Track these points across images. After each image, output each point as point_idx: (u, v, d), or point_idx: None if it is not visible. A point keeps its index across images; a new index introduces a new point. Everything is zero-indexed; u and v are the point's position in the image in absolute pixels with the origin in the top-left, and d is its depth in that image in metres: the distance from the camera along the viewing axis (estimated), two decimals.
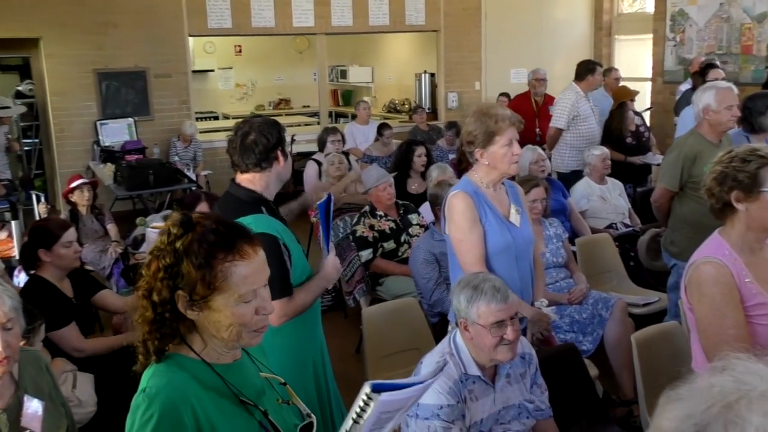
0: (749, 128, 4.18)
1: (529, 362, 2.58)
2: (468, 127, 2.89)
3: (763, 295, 2.23)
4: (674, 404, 0.77)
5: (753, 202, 2.22)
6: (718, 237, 2.32)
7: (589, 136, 6.25)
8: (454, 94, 10.32)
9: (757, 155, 2.22)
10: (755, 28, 8.53)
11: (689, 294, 2.32)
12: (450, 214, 2.91)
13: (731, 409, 0.73)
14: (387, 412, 1.41)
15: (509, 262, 2.90)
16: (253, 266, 1.52)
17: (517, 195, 3.06)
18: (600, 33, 10.89)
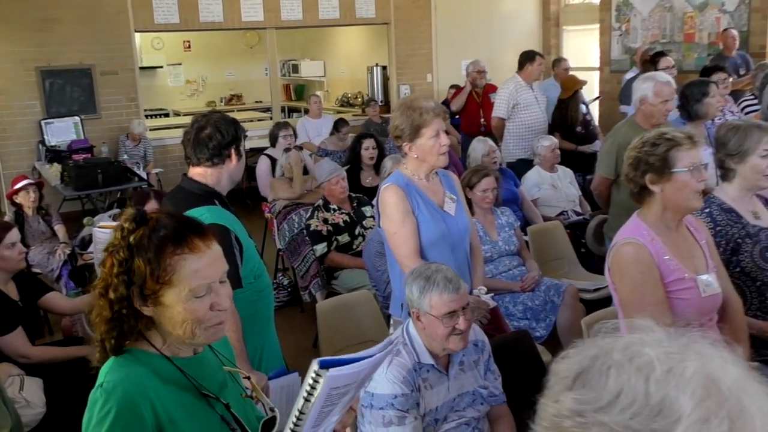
0: (686, 115, 4.28)
1: (482, 349, 2.61)
2: (394, 121, 2.89)
3: (681, 270, 2.32)
4: (566, 357, 0.82)
5: (666, 183, 2.30)
6: (637, 219, 2.41)
7: (532, 125, 6.35)
8: (407, 86, 10.34)
9: (665, 138, 2.31)
10: (697, 16, 8.74)
11: (612, 275, 2.40)
12: (383, 207, 2.92)
13: (609, 354, 0.78)
14: (337, 388, 1.41)
15: (445, 252, 2.91)
16: (205, 260, 1.50)
17: (451, 183, 3.07)
18: (548, 24, 11.03)
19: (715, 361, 0.76)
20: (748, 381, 0.75)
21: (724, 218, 2.66)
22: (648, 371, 0.74)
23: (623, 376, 0.74)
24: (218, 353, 1.68)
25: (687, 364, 0.74)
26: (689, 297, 2.34)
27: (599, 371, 0.76)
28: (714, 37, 8.57)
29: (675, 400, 0.71)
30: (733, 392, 0.72)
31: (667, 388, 0.72)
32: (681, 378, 0.73)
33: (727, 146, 2.67)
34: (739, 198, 2.71)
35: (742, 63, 7.45)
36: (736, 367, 0.76)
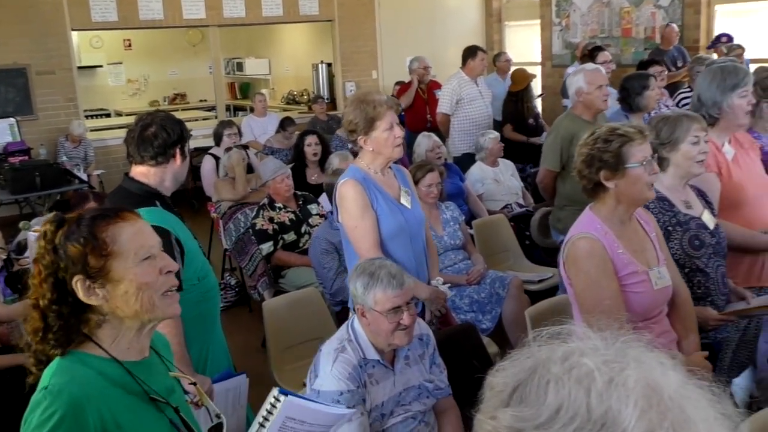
0: (627, 108, 4.39)
1: (427, 343, 2.64)
2: (348, 116, 2.91)
3: (634, 263, 2.37)
4: (508, 362, 0.81)
5: (621, 178, 2.34)
6: (590, 213, 2.44)
7: (477, 120, 6.43)
8: (352, 83, 10.33)
9: (618, 134, 2.35)
10: (633, 12, 8.96)
11: (567, 269, 2.43)
12: (341, 202, 2.93)
13: (546, 365, 0.76)
14: (292, 419, 1.41)
15: (404, 244, 2.96)
16: (138, 227, 1.52)
17: (404, 178, 3.12)
18: (491, 19, 11.16)
19: (655, 368, 0.74)
20: (689, 387, 0.74)
21: (656, 206, 2.73)
22: (588, 383, 0.71)
23: (563, 391, 0.71)
24: (164, 359, 1.67)
25: (628, 374, 0.72)
26: (642, 290, 2.38)
27: (537, 385, 0.73)
28: (650, 31, 8.79)
29: (618, 413, 0.69)
30: (675, 401, 0.71)
31: (609, 401, 0.70)
32: (623, 389, 0.70)
33: (659, 136, 2.75)
34: (673, 187, 2.79)
35: (679, 56, 7.66)
36: (676, 373, 0.75)
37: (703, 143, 2.73)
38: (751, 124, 3.41)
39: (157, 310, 1.53)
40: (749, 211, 3.06)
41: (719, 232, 2.80)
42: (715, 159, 3.00)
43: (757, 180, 3.13)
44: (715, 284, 2.76)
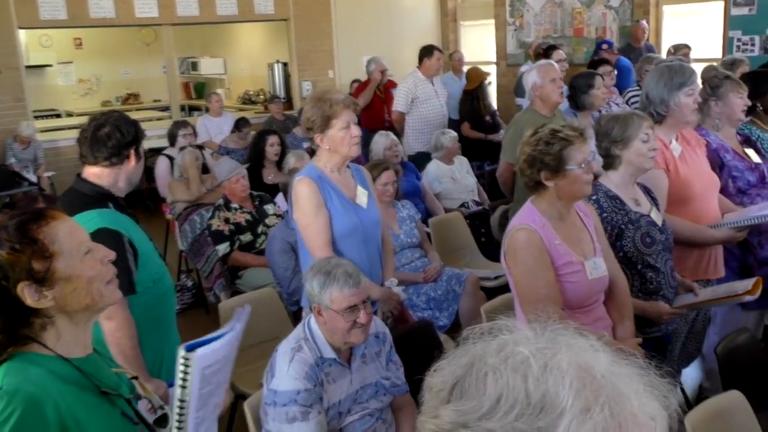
0: (575, 106, 4.49)
1: (383, 341, 2.65)
2: (306, 114, 2.94)
3: (570, 254, 2.44)
4: (445, 362, 0.81)
5: (561, 179, 2.42)
6: (530, 205, 2.52)
7: (432, 119, 6.48)
8: (308, 82, 10.30)
9: (559, 137, 2.41)
10: (585, 12, 9.12)
11: (507, 260, 2.51)
12: (296, 200, 2.94)
13: (481, 360, 0.77)
14: (209, 367, 1.41)
15: (357, 244, 2.96)
16: (70, 223, 1.53)
17: (363, 177, 3.13)
18: (446, 19, 11.23)
19: (586, 350, 0.77)
20: (618, 364, 0.77)
21: (609, 205, 2.79)
22: (525, 370, 0.73)
23: (501, 380, 0.73)
24: (104, 355, 1.67)
25: (560, 357, 0.75)
26: (578, 279, 2.46)
27: (476, 378, 0.75)
28: (601, 31, 8.96)
29: (555, 394, 0.71)
30: (607, 378, 0.74)
31: (546, 384, 0.72)
32: (557, 372, 0.73)
33: (611, 135, 2.81)
34: (623, 185, 2.85)
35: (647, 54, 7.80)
36: (605, 353, 0.78)
37: (652, 141, 2.80)
38: (699, 121, 3.51)
39: (105, 299, 1.56)
40: (696, 207, 3.14)
41: (666, 229, 2.88)
42: (663, 156, 3.07)
43: (704, 176, 3.21)
44: (665, 278, 2.84)
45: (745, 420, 2.35)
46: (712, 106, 3.46)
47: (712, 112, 3.48)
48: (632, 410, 0.73)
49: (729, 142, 3.49)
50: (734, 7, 7.49)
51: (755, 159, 3.51)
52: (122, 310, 2.33)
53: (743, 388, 2.44)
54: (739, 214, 3.23)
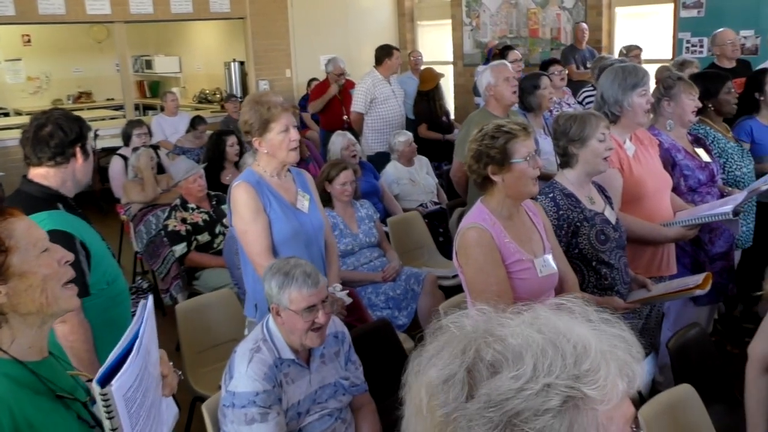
0: (523, 106, 4.55)
1: (342, 340, 2.65)
2: (243, 116, 2.89)
3: (520, 252, 2.48)
4: (431, 361, 0.81)
5: (507, 173, 2.45)
6: (480, 204, 2.55)
7: (390, 119, 6.50)
8: (266, 81, 10.22)
9: (503, 131, 2.45)
10: (540, 13, 9.23)
11: (459, 258, 2.53)
12: (233, 205, 2.90)
13: (490, 333, 0.80)
14: (130, 388, 1.37)
15: (298, 249, 2.92)
16: (27, 221, 1.51)
17: (304, 181, 3.10)
18: (403, 19, 11.26)
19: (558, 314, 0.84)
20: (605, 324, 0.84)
21: (565, 203, 2.83)
22: (545, 330, 0.79)
23: (532, 343, 0.77)
24: (60, 358, 1.64)
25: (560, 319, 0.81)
26: (528, 277, 2.49)
27: (496, 350, 0.78)
28: (555, 32, 9.09)
29: (584, 344, 0.77)
30: None
31: (572, 335, 0.78)
32: (570, 327, 0.80)
33: (569, 134, 2.85)
34: (578, 184, 2.90)
35: (590, 56, 7.92)
36: (591, 313, 0.85)
37: (608, 140, 2.85)
38: (652, 121, 3.58)
39: (60, 302, 1.53)
40: (649, 205, 3.21)
41: (620, 227, 2.93)
42: (617, 155, 3.13)
43: (656, 175, 3.29)
44: (619, 274, 2.89)
45: (696, 413, 2.41)
46: (665, 106, 3.53)
47: (665, 112, 3.55)
48: (626, 355, 0.82)
49: (680, 142, 3.57)
50: (683, 10, 7.68)
51: (705, 158, 3.60)
52: (76, 314, 2.28)
53: (694, 381, 2.51)
54: (691, 212, 3.31)
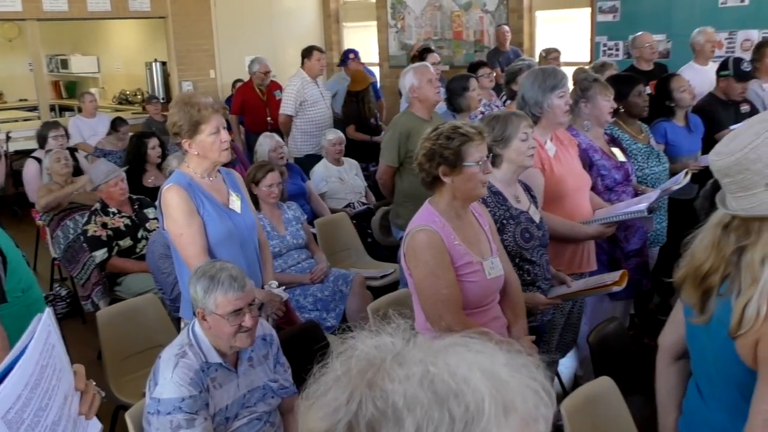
0: (452, 108, 4.62)
1: (270, 343, 2.63)
2: (172, 118, 2.84)
3: (469, 254, 2.50)
4: (317, 403, 0.76)
5: (458, 175, 2.47)
6: (429, 206, 2.55)
7: (319, 121, 6.50)
8: (189, 82, 10.02)
9: (459, 133, 2.47)
10: (463, 15, 9.39)
11: (407, 261, 2.52)
12: (166, 209, 2.85)
13: (373, 386, 0.73)
14: (12, 408, 1.25)
15: (234, 250, 2.91)
16: None
17: (235, 181, 3.08)
18: (329, 20, 11.25)
19: (478, 353, 0.76)
20: (514, 364, 0.77)
21: (492, 200, 2.89)
22: (433, 386, 0.71)
23: (414, 402, 0.70)
24: None
25: (458, 364, 0.73)
26: (477, 279, 2.51)
27: (380, 409, 0.71)
28: (479, 34, 9.26)
29: (477, 405, 0.70)
30: (510, 377, 0.74)
31: (465, 397, 0.70)
32: (468, 380, 0.72)
33: (492, 134, 2.91)
34: (505, 182, 2.96)
35: (514, 58, 8.10)
36: (498, 353, 0.77)
37: (531, 139, 2.93)
38: (571, 121, 3.70)
39: None
40: (570, 204, 3.32)
41: (543, 225, 3.01)
42: (538, 155, 3.21)
43: (576, 175, 3.39)
44: (541, 271, 2.97)
45: (615, 404, 2.50)
46: (582, 107, 3.65)
47: (582, 113, 3.67)
48: (532, 408, 0.73)
49: (597, 142, 3.70)
50: (600, 14, 7.95)
51: (620, 158, 3.74)
52: None
53: (613, 374, 2.60)
54: (608, 210, 3.43)
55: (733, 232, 1.62)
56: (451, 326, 2.39)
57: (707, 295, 1.68)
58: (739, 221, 1.61)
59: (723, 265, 1.63)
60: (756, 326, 1.55)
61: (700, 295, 1.69)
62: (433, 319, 2.45)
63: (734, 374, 1.64)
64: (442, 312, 2.42)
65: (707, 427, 1.77)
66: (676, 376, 1.96)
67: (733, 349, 1.61)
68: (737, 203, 1.60)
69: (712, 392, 1.78)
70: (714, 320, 1.67)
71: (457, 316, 2.43)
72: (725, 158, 1.60)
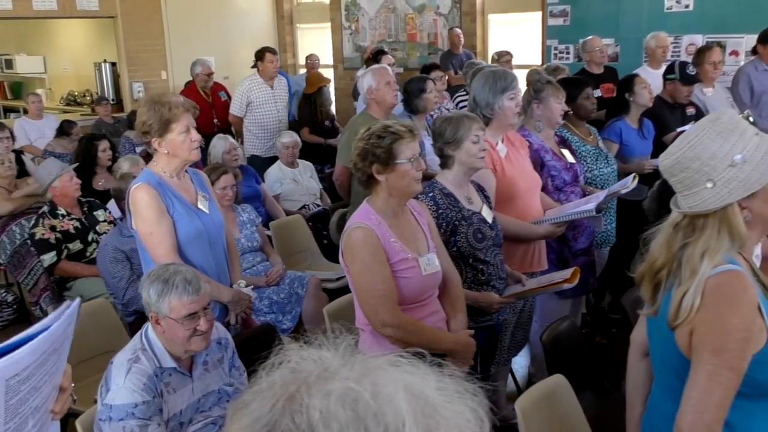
0: (409, 109, 4.66)
1: (225, 347, 2.61)
2: (141, 117, 2.84)
3: (405, 251, 2.54)
4: (241, 412, 0.74)
5: (391, 173, 2.50)
6: (366, 205, 2.60)
7: (267, 123, 6.48)
8: (140, 83, 9.86)
9: (390, 132, 2.51)
10: (417, 18, 9.45)
11: (345, 258, 2.56)
12: (135, 208, 2.83)
13: (293, 400, 0.71)
14: (16, 376, 1.24)
15: (203, 249, 2.92)
16: None
17: (202, 182, 3.08)
18: (282, 21, 11.19)
19: (407, 372, 0.75)
20: (442, 383, 0.75)
21: (444, 202, 2.92)
22: (355, 405, 0.69)
23: (332, 420, 0.68)
24: None
25: (384, 383, 0.72)
26: (413, 275, 2.54)
27: (296, 424, 0.69)
28: (433, 37, 9.33)
29: (396, 427, 0.68)
30: (437, 398, 0.72)
31: (385, 418, 0.68)
32: (391, 400, 0.70)
33: (444, 136, 2.94)
34: (457, 184, 2.99)
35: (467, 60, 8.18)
36: (427, 373, 0.75)
37: (482, 141, 2.97)
38: (523, 122, 3.75)
39: None
40: (521, 204, 3.37)
41: (496, 225, 3.05)
42: (490, 157, 3.26)
43: (527, 176, 3.45)
44: (495, 271, 3.01)
45: (568, 401, 2.55)
46: (534, 108, 3.71)
47: (534, 114, 3.73)
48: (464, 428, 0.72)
49: (548, 143, 3.76)
50: (551, 18, 8.08)
51: (570, 159, 3.82)
52: None
53: (566, 371, 2.65)
54: (558, 210, 3.49)
55: (681, 230, 1.69)
56: (386, 321, 2.46)
57: (657, 288, 1.74)
58: (687, 219, 1.68)
59: (670, 261, 1.69)
60: (690, 317, 1.62)
61: (652, 289, 1.76)
62: (368, 314, 2.50)
63: (675, 364, 1.71)
64: (377, 307, 2.47)
65: (660, 416, 1.83)
66: (645, 371, 2.02)
67: (674, 340, 1.67)
68: (685, 202, 1.67)
69: (661, 383, 1.85)
70: (660, 313, 1.73)
71: (392, 311, 2.48)
72: (669, 158, 1.67)
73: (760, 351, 1.60)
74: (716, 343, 1.59)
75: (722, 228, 1.63)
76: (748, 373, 1.59)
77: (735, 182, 1.60)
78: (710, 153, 1.61)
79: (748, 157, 1.60)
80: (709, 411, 1.58)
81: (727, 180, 1.60)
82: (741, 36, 6.73)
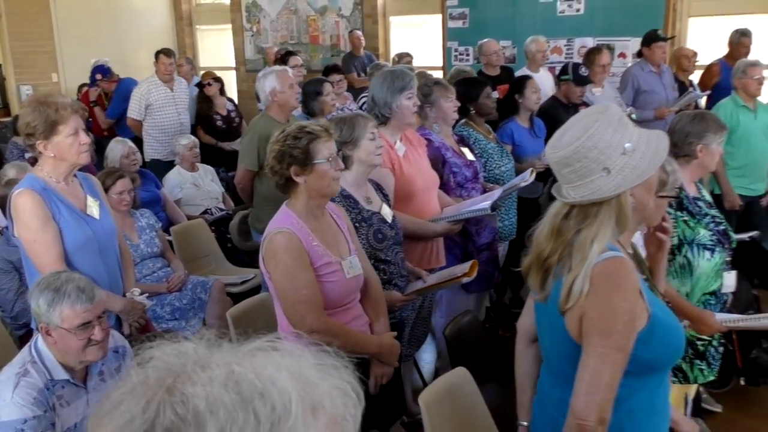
0: (307, 111, 4.66)
1: (123, 355, 2.53)
2: (25, 118, 2.70)
3: (328, 255, 2.52)
4: (110, 415, 0.71)
5: (309, 174, 2.48)
6: (286, 208, 2.55)
7: (166, 126, 6.33)
8: (28, 86, 9.39)
9: (306, 132, 2.49)
10: (319, 20, 9.44)
11: (266, 263, 2.51)
12: (17, 214, 2.69)
13: (173, 392, 0.69)
14: None
15: (93, 256, 2.81)
16: None
17: (93, 186, 2.96)
18: (181, 23, 10.93)
19: (284, 355, 0.75)
20: (322, 364, 0.77)
21: (344, 204, 2.92)
22: (238, 388, 0.69)
23: (217, 403, 0.68)
24: None
25: (264, 365, 0.72)
26: (336, 279, 2.52)
27: (177, 413, 0.68)
28: (335, 39, 9.34)
29: (284, 405, 0.69)
30: (318, 377, 0.74)
31: (272, 397, 0.69)
32: (273, 380, 0.71)
33: (341, 136, 2.94)
34: (356, 184, 3.00)
35: (369, 62, 8.22)
36: (305, 354, 0.77)
37: (378, 139, 2.99)
38: (421, 121, 3.82)
39: None
40: (419, 202, 3.42)
41: (396, 224, 3.09)
42: (388, 155, 3.29)
43: (425, 174, 3.50)
44: (397, 269, 3.05)
45: (471, 393, 2.60)
46: (428, 111, 3.78)
47: (429, 116, 3.81)
48: (341, 407, 0.74)
49: (448, 141, 3.84)
50: (450, 20, 8.25)
51: (470, 157, 3.91)
52: None
53: (469, 364, 2.70)
54: (456, 208, 3.57)
55: (573, 219, 1.75)
56: (313, 327, 2.39)
57: (546, 275, 1.80)
58: (578, 209, 1.74)
59: (561, 248, 1.75)
60: (580, 302, 1.69)
61: (541, 276, 1.81)
62: (294, 320, 2.44)
63: (565, 349, 1.77)
64: (303, 313, 2.43)
65: (549, 401, 1.89)
66: (533, 357, 2.08)
67: (564, 325, 1.74)
68: (575, 192, 1.72)
69: (550, 368, 1.92)
70: (550, 299, 1.79)
71: (319, 316, 2.44)
72: (563, 150, 1.72)
73: (643, 330, 1.69)
74: (605, 326, 1.67)
75: (614, 215, 1.70)
76: (633, 352, 1.67)
77: (628, 169, 1.67)
78: (605, 142, 1.68)
79: (635, 145, 1.68)
80: (601, 391, 1.66)
81: (620, 168, 1.67)
82: (628, 39, 7.08)
